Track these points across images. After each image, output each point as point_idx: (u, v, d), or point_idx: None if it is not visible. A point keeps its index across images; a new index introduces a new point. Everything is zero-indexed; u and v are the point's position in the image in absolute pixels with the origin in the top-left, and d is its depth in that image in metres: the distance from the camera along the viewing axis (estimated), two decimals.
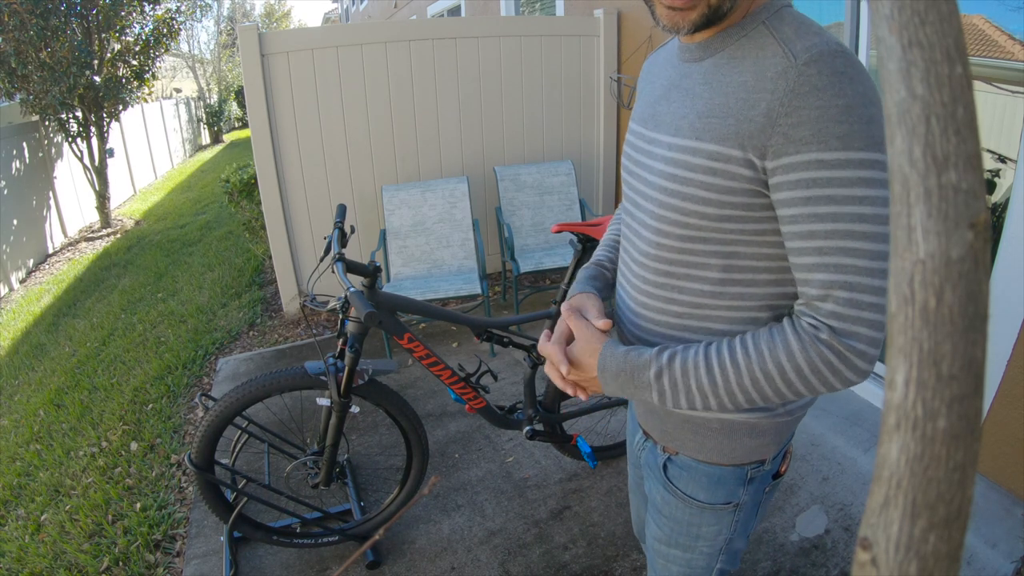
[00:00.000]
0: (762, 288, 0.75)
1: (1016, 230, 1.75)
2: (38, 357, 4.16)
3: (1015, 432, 1.81)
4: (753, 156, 0.67)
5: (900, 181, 0.21)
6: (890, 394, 0.22)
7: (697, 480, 0.88)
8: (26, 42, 6.18)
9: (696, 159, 0.71)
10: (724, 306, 0.77)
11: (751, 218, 0.71)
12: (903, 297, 0.21)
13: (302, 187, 3.44)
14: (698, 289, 0.77)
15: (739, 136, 0.67)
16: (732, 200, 0.70)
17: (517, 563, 1.82)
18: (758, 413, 0.82)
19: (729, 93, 0.69)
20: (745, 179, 0.68)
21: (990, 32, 1.91)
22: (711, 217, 0.72)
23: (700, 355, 0.73)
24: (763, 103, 0.65)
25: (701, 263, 0.76)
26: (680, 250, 0.77)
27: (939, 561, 0.21)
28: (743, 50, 0.70)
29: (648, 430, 0.94)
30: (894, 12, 0.21)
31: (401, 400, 1.75)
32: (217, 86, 20.70)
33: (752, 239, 0.73)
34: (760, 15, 0.71)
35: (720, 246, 0.74)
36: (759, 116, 0.66)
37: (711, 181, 0.70)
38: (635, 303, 0.85)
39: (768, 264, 0.74)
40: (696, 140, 0.71)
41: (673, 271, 0.78)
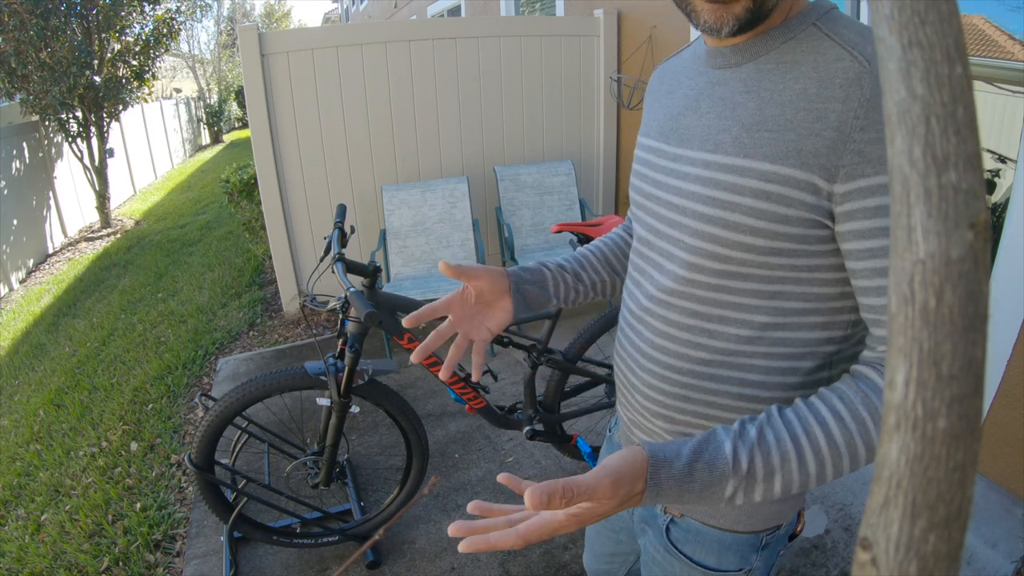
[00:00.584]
0: (808, 332, 0.65)
1: (1016, 230, 1.75)
2: (38, 357, 4.16)
3: (1015, 432, 1.81)
4: (818, 178, 0.57)
5: (900, 181, 0.21)
6: (890, 394, 0.22)
7: (706, 546, 0.78)
8: (26, 42, 6.18)
9: (744, 180, 0.61)
10: (762, 353, 0.66)
11: (804, 252, 0.61)
12: (903, 297, 0.21)
13: (302, 187, 3.44)
14: (734, 334, 0.66)
15: (801, 153, 0.57)
16: (786, 231, 0.60)
17: (517, 563, 1.82)
18: None
19: (784, 103, 0.59)
20: (805, 206, 0.58)
21: (990, 32, 1.92)
22: (758, 250, 0.61)
23: (789, 444, 0.56)
24: (832, 114, 0.56)
25: (739, 303, 0.65)
26: (716, 287, 0.66)
27: (939, 561, 0.21)
28: (795, 54, 0.61)
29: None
30: (894, 12, 0.21)
31: (401, 400, 1.75)
32: (217, 86, 20.71)
33: (802, 276, 0.62)
34: (808, 16, 0.62)
35: (762, 284, 0.64)
36: (828, 130, 0.56)
37: (762, 207, 0.60)
38: (651, 346, 0.73)
39: (817, 305, 0.64)
40: (744, 158, 0.61)
41: (705, 312, 0.67)
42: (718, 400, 0.70)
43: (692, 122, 0.68)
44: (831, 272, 0.62)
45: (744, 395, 0.68)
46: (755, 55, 0.64)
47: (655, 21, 3.39)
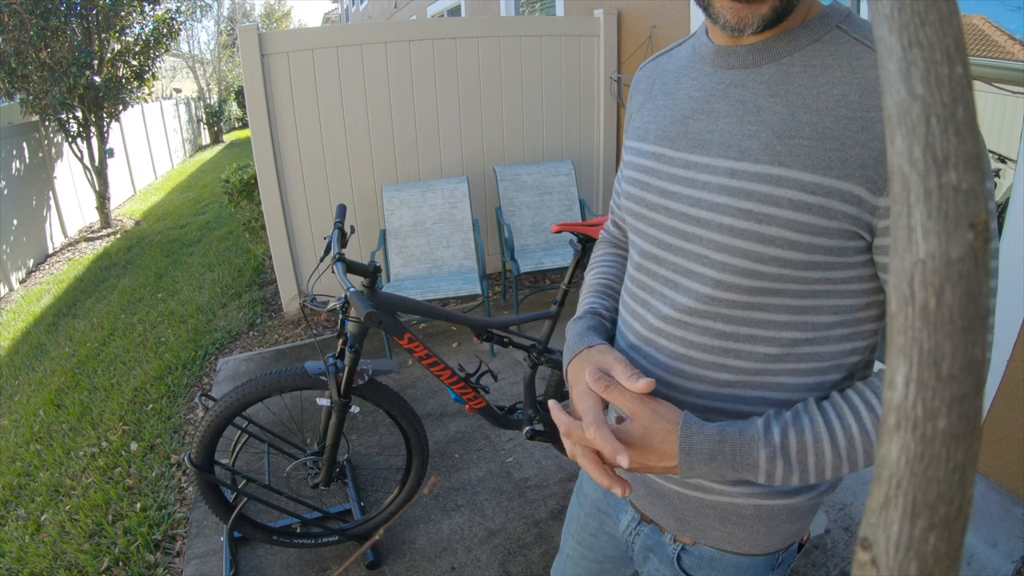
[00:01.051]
0: (834, 345, 0.63)
1: (1016, 230, 1.75)
2: (38, 357, 4.16)
3: (1015, 432, 1.81)
4: (863, 191, 0.55)
5: (900, 181, 0.21)
6: (890, 394, 0.22)
7: (722, 571, 0.75)
8: (26, 42, 6.18)
9: (780, 191, 0.57)
10: (788, 370, 0.64)
11: (840, 264, 0.59)
12: (903, 297, 0.21)
13: (302, 187, 3.44)
14: (762, 353, 0.63)
15: (844, 164, 0.55)
16: (825, 243, 0.57)
17: (517, 563, 1.82)
18: (803, 495, 0.69)
19: (822, 109, 0.56)
20: (847, 218, 0.56)
21: (990, 32, 1.92)
22: (795, 264, 0.59)
23: (821, 424, 0.59)
24: (878, 124, 0.53)
25: (771, 320, 0.62)
26: (746, 305, 0.62)
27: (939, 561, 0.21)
28: (824, 57, 0.58)
29: (651, 516, 0.78)
30: (894, 12, 0.21)
31: (401, 400, 1.75)
32: (217, 86, 20.71)
33: (835, 288, 0.60)
34: (830, 18, 0.60)
35: (797, 299, 0.61)
36: (874, 140, 0.54)
37: (801, 219, 0.57)
38: (666, 370, 0.68)
39: (844, 318, 0.62)
40: (779, 166, 0.57)
41: (732, 331, 0.63)
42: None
43: (706, 126, 0.64)
44: (862, 283, 0.61)
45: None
46: (776, 56, 0.60)
47: (655, 21, 3.39)
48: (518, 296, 3.39)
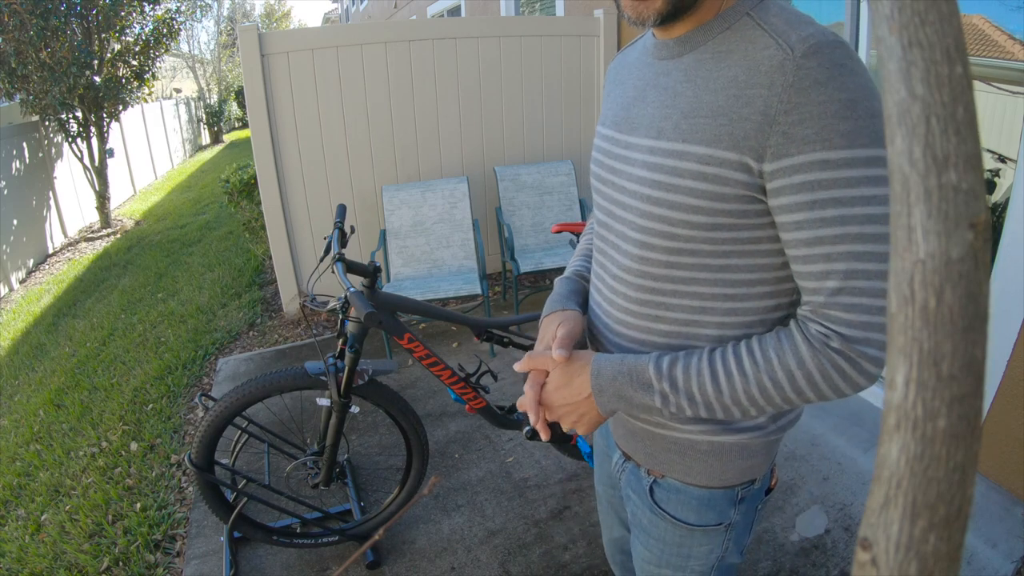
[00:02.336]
0: (756, 301, 0.71)
1: (1016, 230, 1.75)
2: (38, 357, 4.16)
3: (1015, 432, 1.81)
4: (749, 159, 0.62)
5: (900, 181, 0.21)
6: (890, 394, 0.22)
7: (686, 503, 0.83)
8: (26, 42, 6.18)
9: (683, 163, 0.66)
10: (715, 323, 0.72)
11: (745, 226, 0.66)
12: (903, 297, 0.21)
13: (302, 187, 3.44)
14: (687, 305, 0.72)
15: (732, 137, 0.62)
16: (724, 207, 0.65)
17: (517, 563, 1.82)
18: (749, 433, 0.77)
19: (718, 90, 0.64)
20: (740, 184, 0.63)
21: (990, 32, 1.92)
22: (701, 226, 0.67)
23: (704, 361, 0.68)
24: (759, 100, 0.60)
25: (690, 277, 0.71)
26: (667, 264, 0.71)
27: (939, 561, 0.21)
28: (728, 43, 0.65)
29: (629, 452, 0.89)
30: (894, 12, 0.21)
31: (401, 400, 1.75)
32: (217, 86, 20.71)
33: (745, 248, 0.68)
34: (743, 5, 0.66)
35: (710, 258, 0.69)
36: (755, 114, 0.61)
37: (701, 187, 0.65)
38: (615, 322, 0.79)
39: (762, 275, 0.69)
40: (682, 143, 0.66)
41: (659, 287, 0.73)
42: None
43: (640, 111, 0.73)
44: (773, 243, 0.67)
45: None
46: (695, 46, 0.68)
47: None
48: (518, 296, 3.39)
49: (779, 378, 0.65)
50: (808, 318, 0.65)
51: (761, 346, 0.67)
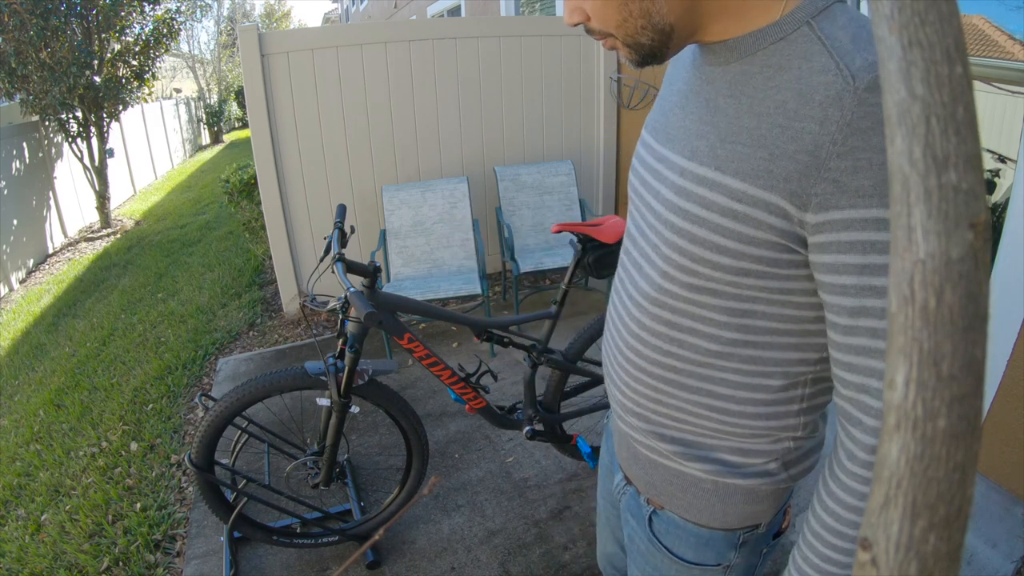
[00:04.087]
0: (780, 352, 0.63)
1: (1016, 230, 1.75)
2: (38, 357, 4.16)
3: (1015, 432, 1.81)
4: (788, 204, 0.53)
5: (900, 181, 0.21)
6: (890, 394, 0.22)
7: (684, 539, 0.78)
8: (26, 42, 6.18)
9: (712, 195, 0.58)
10: (732, 368, 0.65)
11: (775, 275, 0.58)
12: (903, 297, 0.21)
13: (302, 187, 3.44)
14: (704, 347, 0.65)
15: (771, 175, 0.53)
16: (753, 252, 0.57)
17: (517, 563, 1.82)
18: (758, 479, 0.71)
19: (762, 115, 0.55)
20: (773, 230, 0.55)
21: (990, 32, 1.92)
22: (725, 268, 0.59)
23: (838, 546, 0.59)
24: (808, 136, 0.51)
25: (709, 318, 0.63)
26: (685, 299, 0.64)
27: (939, 561, 0.21)
28: (781, 57, 0.55)
29: (631, 477, 0.84)
30: (894, 12, 0.21)
31: (401, 400, 1.75)
32: (217, 86, 20.71)
33: (773, 298, 0.60)
34: (803, 11, 0.55)
35: (733, 302, 0.61)
36: (801, 153, 0.51)
37: (728, 225, 0.57)
38: (627, 346, 0.73)
39: (790, 327, 0.61)
40: (715, 170, 0.57)
41: (676, 321, 0.66)
42: (689, 408, 0.70)
43: (677, 121, 0.65)
44: (806, 296, 0.59)
45: (715, 407, 0.68)
46: (743, 54, 0.58)
47: None
48: (518, 296, 3.39)
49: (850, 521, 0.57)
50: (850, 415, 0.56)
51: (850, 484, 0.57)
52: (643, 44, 0.59)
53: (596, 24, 0.59)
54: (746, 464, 0.70)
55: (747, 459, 0.70)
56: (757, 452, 0.70)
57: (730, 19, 0.58)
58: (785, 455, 0.70)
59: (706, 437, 0.71)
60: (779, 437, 0.69)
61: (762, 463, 0.71)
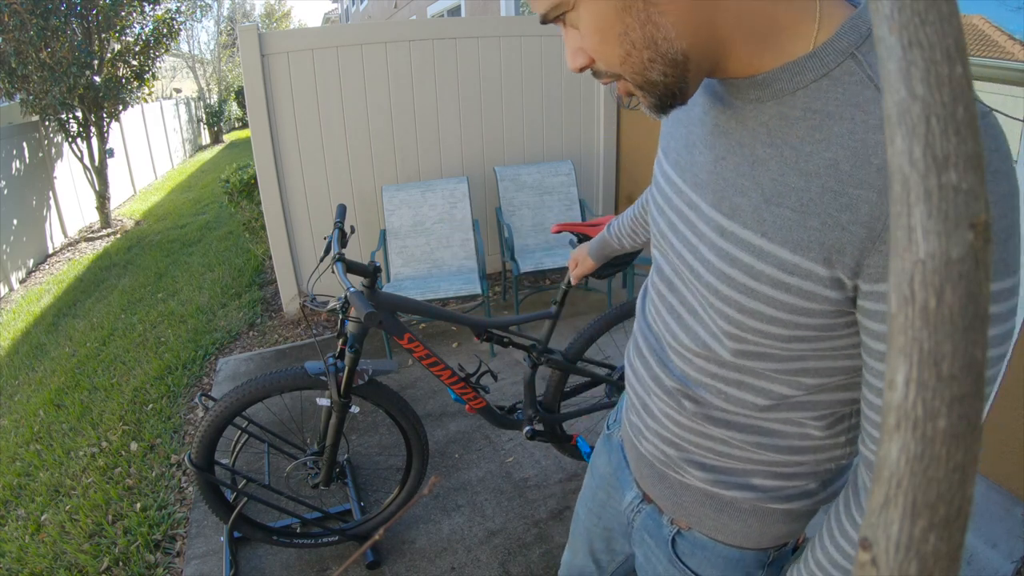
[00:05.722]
0: (830, 395, 0.61)
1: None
2: (38, 357, 4.16)
3: (1015, 432, 1.81)
4: (843, 274, 0.49)
5: (900, 181, 0.21)
6: (890, 394, 0.22)
7: (712, 561, 0.75)
8: (26, 42, 6.18)
9: (761, 265, 0.53)
10: (782, 417, 0.63)
11: (828, 337, 0.55)
12: (903, 297, 0.21)
13: (302, 187, 3.44)
14: (751, 401, 0.63)
15: (824, 246, 0.49)
16: (808, 322, 0.53)
17: (517, 563, 1.82)
18: (799, 501, 0.69)
19: (810, 174, 0.49)
20: (828, 301, 0.51)
21: (990, 32, 1.92)
22: (776, 337, 0.56)
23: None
24: (864, 206, 0.46)
25: (758, 375, 0.61)
26: (733, 361, 0.61)
27: (939, 561, 0.21)
28: (827, 101, 0.48)
29: (653, 496, 0.80)
30: (894, 12, 0.21)
31: (401, 400, 1.75)
32: (217, 86, 20.71)
33: (826, 354, 0.57)
34: (846, 42, 0.47)
35: (783, 363, 0.59)
36: (856, 225, 0.47)
37: (781, 298, 0.53)
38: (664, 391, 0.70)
39: (840, 379, 0.59)
40: (762, 237, 0.52)
41: (723, 375, 0.63)
42: (735, 443, 0.68)
43: (706, 163, 0.58)
44: (856, 349, 0.56)
45: (763, 444, 0.66)
46: (779, 93, 0.51)
47: None
48: (518, 296, 3.39)
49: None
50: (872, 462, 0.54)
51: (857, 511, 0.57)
52: (655, 81, 0.51)
53: (601, 65, 0.53)
54: (786, 487, 0.68)
55: (787, 482, 0.68)
56: (799, 475, 0.68)
57: (756, 45, 0.50)
58: (826, 475, 0.69)
59: (750, 468, 0.68)
60: (825, 461, 0.67)
61: (803, 484, 0.69)
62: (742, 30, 0.49)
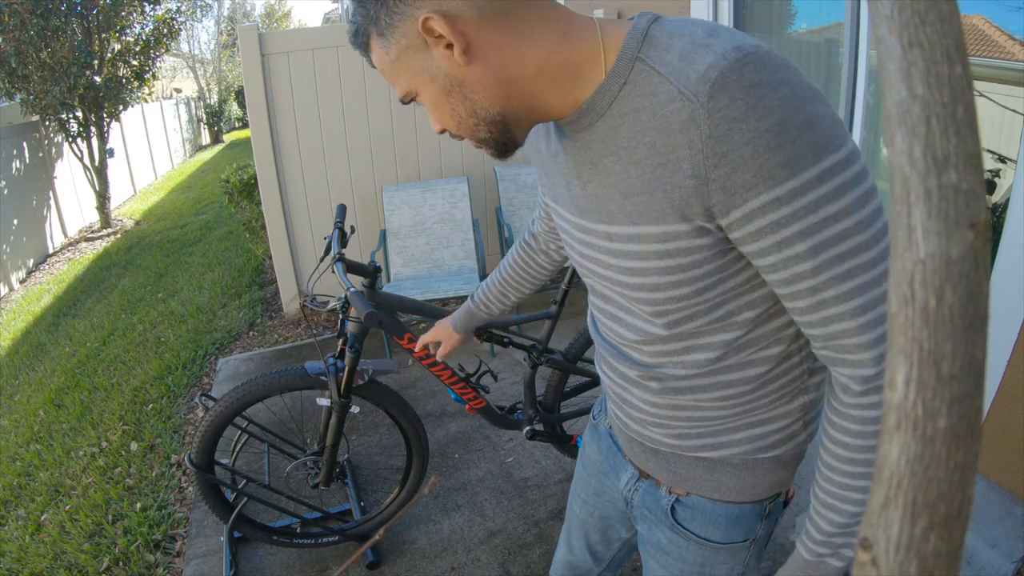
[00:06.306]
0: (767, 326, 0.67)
1: (1016, 230, 1.75)
2: (38, 357, 4.16)
3: (1015, 432, 1.81)
4: (702, 221, 0.58)
5: (900, 181, 0.21)
6: (890, 394, 0.22)
7: (712, 521, 0.79)
8: (26, 42, 6.18)
9: (643, 246, 0.62)
10: (735, 362, 0.69)
11: (731, 274, 0.63)
12: (903, 297, 0.21)
13: (302, 187, 3.44)
14: (703, 359, 0.69)
15: (676, 207, 0.57)
16: (701, 271, 0.61)
17: (517, 563, 1.82)
18: (784, 446, 0.74)
19: (641, 160, 0.58)
20: (706, 247, 0.60)
21: (990, 32, 1.92)
22: (689, 295, 0.64)
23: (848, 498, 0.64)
24: (685, 162, 0.55)
25: (698, 334, 0.68)
26: (672, 334, 0.69)
27: (939, 561, 0.21)
28: (632, 100, 0.57)
29: (648, 471, 0.84)
30: (894, 12, 0.21)
31: (401, 400, 1.75)
32: (217, 86, 20.71)
33: (740, 290, 0.64)
34: (629, 51, 0.58)
35: (711, 314, 0.66)
36: (686, 179, 0.55)
37: (671, 263, 0.61)
38: (628, 381, 0.78)
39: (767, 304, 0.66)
40: (635, 225, 0.61)
41: (670, 348, 0.70)
42: (707, 407, 0.73)
43: (579, 192, 0.67)
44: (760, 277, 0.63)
45: (729, 395, 0.71)
46: (600, 111, 0.60)
47: None
48: None
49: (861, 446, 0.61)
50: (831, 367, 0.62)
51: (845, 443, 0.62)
52: (485, 138, 0.64)
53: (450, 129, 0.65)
54: (770, 434, 0.73)
55: (770, 427, 0.73)
56: (778, 417, 0.72)
57: (565, 87, 0.61)
58: (804, 412, 0.73)
59: (728, 424, 0.73)
60: (794, 394, 0.72)
61: (785, 426, 0.73)
62: (546, 81, 0.61)
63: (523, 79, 0.60)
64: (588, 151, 0.63)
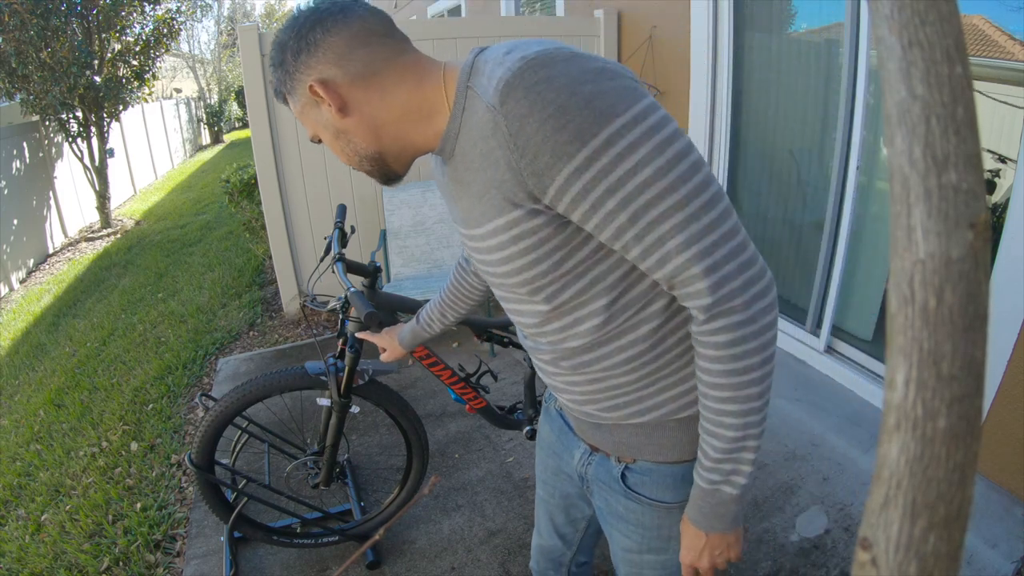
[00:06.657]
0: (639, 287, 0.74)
1: (1016, 230, 1.75)
2: (38, 357, 4.16)
3: (1015, 432, 1.81)
4: (531, 204, 0.67)
5: (900, 181, 0.21)
6: (890, 394, 0.22)
7: (662, 482, 0.86)
8: (26, 42, 6.18)
9: (498, 237, 0.72)
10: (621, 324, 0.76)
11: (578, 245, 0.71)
12: (903, 297, 0.21)
13: (302, 187, 3.44)
14: (592, 325, 0.76)
15: (507, 198, 0.68)
16: (551, 245, 0.70)
17: (517, 563, 1.82)
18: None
19: (479, 168, 0.70)
20: (544, 225, 0.69)
21: (990, 32, 1.92)
22: (549, 269, 0.72)
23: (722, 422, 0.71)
24: (502, 160, 0.66)
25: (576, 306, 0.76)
26: (553, 310, 0.77)
27: (939, 561, 0.21)
28: (468, 122, 0.70)
29: (596, 444, 0.91)
30: (894, 12, 0.21)
31: (401, 400, 1.75)
32: (217, 86, 20.70)
33: (598, 257, 0.72)
34: (461, 83, 0.71)
35: (577, 284, 0.74)
36: (506, 173, 0.66)
37: (523, 245, 0.71)
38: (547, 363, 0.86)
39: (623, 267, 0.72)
40: (488, 222, 0.72)
41: (561, 325, 0.78)
42: (618, 373, 0.79)
43: (461, 208, 0.78)
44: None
45: (632, 356, 0.77)
46: (454, 136, 0.73)
47: (655, 21, 3.39)
48: None
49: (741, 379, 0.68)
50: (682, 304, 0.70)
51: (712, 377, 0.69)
52: (370, 170, 0.80)
53: (345, 163, 0.79)
54: (690, 390, 0.79)
55: (687, 385, 0.79)
56: (691, 375, 0.78)
57: (426, 124, 0.75)
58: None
59: (646, 389, 0.79)
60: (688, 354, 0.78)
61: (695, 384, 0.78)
62: (410, 123, 0.75)
63: (390, 124, 0.75)
64: (455, 171, 0.75)
